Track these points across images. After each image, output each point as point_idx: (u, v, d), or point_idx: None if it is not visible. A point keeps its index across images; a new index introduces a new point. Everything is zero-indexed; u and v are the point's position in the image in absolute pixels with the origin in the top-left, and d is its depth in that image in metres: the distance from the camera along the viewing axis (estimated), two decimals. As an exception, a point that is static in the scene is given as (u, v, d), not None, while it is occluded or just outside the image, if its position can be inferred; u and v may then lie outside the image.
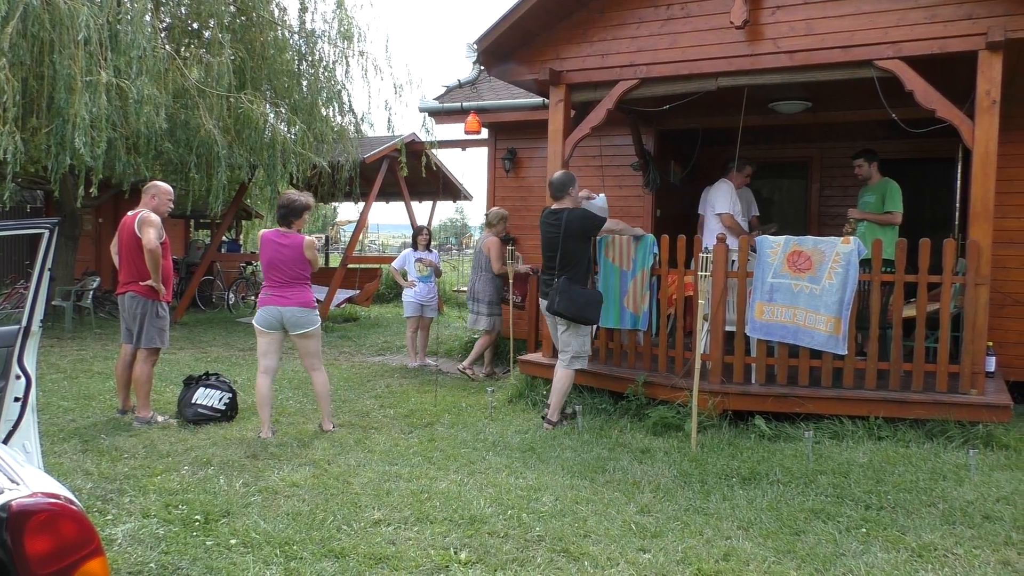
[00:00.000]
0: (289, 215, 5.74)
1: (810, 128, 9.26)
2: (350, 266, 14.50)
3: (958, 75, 6.00)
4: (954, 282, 5.71)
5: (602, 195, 6.67)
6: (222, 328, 12.54)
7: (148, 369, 6.16)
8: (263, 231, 5.96)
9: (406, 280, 9.14)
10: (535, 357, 7.27)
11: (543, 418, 6.14)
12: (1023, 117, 7.13)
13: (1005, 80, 5.66)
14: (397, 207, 19.14)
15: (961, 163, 7.96)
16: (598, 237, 6.42)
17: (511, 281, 8.30)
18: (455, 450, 5.38)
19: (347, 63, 12.79)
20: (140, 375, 6.11)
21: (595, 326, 6.41)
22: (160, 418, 6.14)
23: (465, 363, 8.42)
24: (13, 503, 1.80)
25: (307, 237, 5.73)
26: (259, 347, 5.76)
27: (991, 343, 6.10)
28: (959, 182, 8.10)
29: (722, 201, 7.18)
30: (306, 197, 5.81)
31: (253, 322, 5.84)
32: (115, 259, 6.30)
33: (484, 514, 4.11)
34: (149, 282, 6.03)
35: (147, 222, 6.04)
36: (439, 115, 10.58)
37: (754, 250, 6.14)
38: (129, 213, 6.22)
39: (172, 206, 6.46)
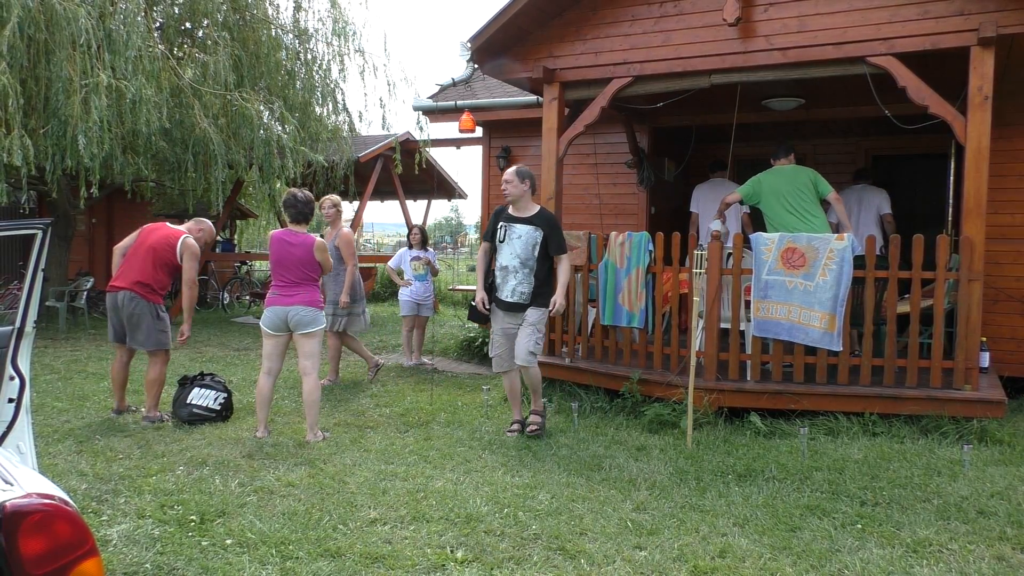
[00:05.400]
0: (306, 211, 5.76)
1: (803, 125, 9.29)
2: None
3: (950, 71, 6.02)
4: (948, 278, 5.73)
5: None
6: (217, 328, 12.51)
7: (162, 369, 6.17)
8: (272, 232, 5.94)
9: (402, 279, 9.14)
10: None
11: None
12: (1015, 113, 7.15)
13: (997, 76, 5.68)
14: (392, 206, 19.16)
15: (954, 159, 7.99)
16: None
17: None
18: (451, 449, 5.38)
19: (341, 61, 12.87)
20: (156, 377, 6.11)
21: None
22: (166, 417, 6.13)
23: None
24: (7, 504, 1.79)
25: (318, 239, 5.67)
26: (264, 349, 5.74)
27: (984, 339, 6.12)
28: (952, 178, 8.13)
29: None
30: (309, 193, 5.86)
31: (260, 323, 5.83)
32: (118, 256, 6.19)
33: (480, 512, 4.11)
34: (182, 325, 6.22)
35: (192, 253, 6.17)
36: (433, 113, 10.58)
37: (749, 247, 6.15)
38: (167, 224, 6.34)
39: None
